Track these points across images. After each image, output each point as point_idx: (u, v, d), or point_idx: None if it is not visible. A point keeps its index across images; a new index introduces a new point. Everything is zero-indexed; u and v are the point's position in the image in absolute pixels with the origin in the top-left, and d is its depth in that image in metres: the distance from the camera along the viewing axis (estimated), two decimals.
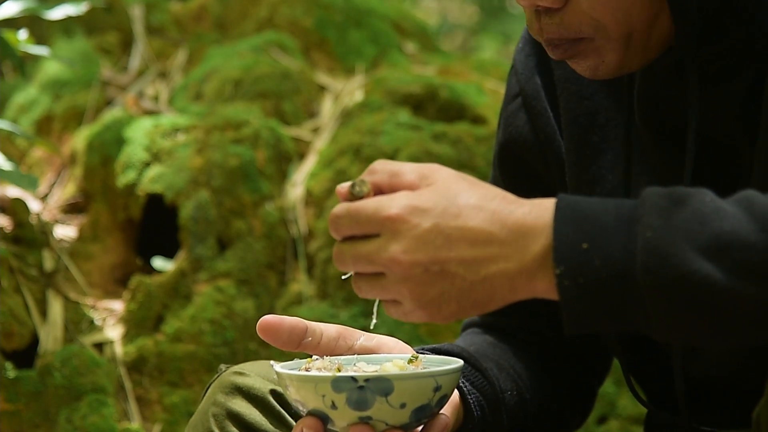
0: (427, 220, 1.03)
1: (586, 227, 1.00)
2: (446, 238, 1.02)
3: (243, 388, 1.28)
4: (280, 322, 1.18)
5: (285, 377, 1.12)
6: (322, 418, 1.11)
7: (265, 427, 1.26)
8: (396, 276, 1.03)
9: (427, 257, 1.02)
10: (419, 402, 1.10)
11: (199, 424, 1.28)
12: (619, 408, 2.33)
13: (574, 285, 0.99)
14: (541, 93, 1.38)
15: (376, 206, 1.04)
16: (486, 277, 1.02)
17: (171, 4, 3.17)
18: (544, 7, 1.17)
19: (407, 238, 1.02)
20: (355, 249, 1.05)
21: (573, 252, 1.00)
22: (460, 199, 1.04)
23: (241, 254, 2.40)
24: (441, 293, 1.03)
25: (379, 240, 1.03)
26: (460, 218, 1.03)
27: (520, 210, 1.03)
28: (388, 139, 2.50)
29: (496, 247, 1.02)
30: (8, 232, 2.38)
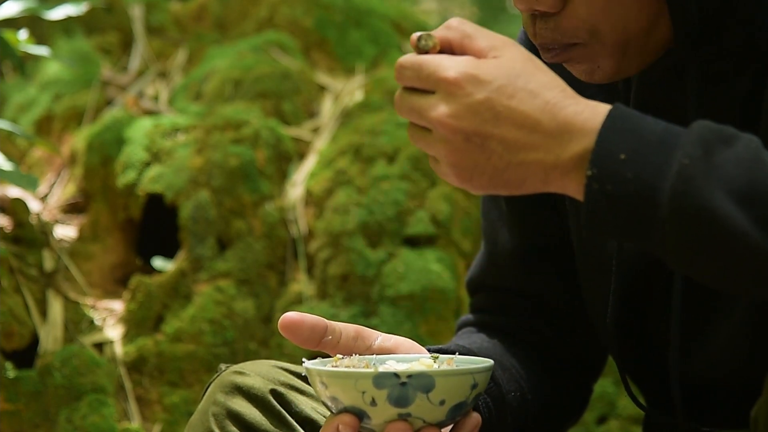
0: (482, 91, 1.04)
1: (629, 140, 1.02)
2: (495, 115, 1.04)
3: (243, 388, 1.28)
4: (302, 320, 1.18)
5: (320, 374, 1.12)
6: (357, 415, 1.11)
7: (265, 426, 1.26)
8: (439, 136, 1.06)
9: (471, 127, 1.04)
10: (457, 399, 1.11)
11: (198, 423, 1.28)
12: (619, 408, 2.33)
13: (600, 190, 1.01)
14: None
15: (437, 65, 1.05)
16: (522, 162, 1.04)
17: (171, 4, 3.17)
18: (541, 12, 1.17)
19: (457, 104, 1.04)
20: (411, 100, 1.07)
21: (609, 159, 1.01)
22: (519, 81, 1.05)
23: (241, 254, 2.40)
24: (476, 165, 1.05)
25: (432, 98, 1.05)
26: (514, 99, 1.04)
27: (573, 107, 1.04)
28: (388, 139, 2.50)
29: (539, 137, 1.03)
30: (8, 232, 2.38)
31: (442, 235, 2.40)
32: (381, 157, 2.48)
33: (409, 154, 2.47)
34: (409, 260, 2.36)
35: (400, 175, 2.44)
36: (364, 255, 2.37)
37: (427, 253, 2.38)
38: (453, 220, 2.41)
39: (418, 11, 6.14)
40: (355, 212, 2.41)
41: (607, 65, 1.19)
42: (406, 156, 2.46)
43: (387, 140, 2.50)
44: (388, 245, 2.38)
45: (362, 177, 2.46)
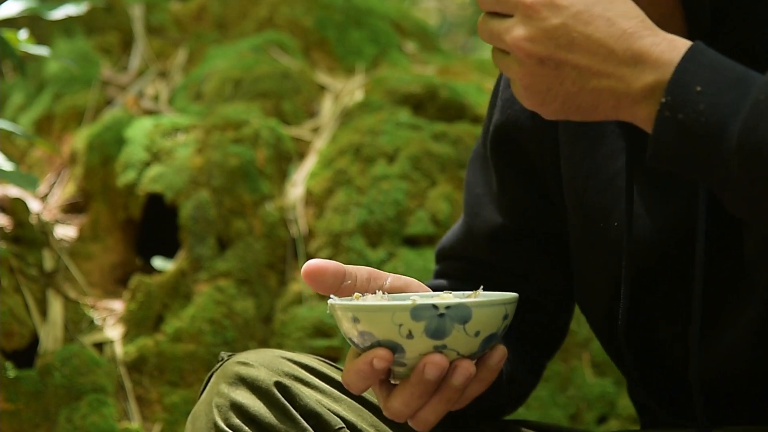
0: (558, 17, 1.06)
1: (707, 73, 1.02)
2: (570, 40, 1.05)
3: (247, 380, 1.27)
4: (325, 266, 1.19)
5: (353, 308, 1.12)
6: (391, 349, 1.11)
7: (269, 419, 1.26)
8: (515, 58, 1.07)
9: (546, 51, 1.06)
10: (490, 330, 1.11)
11: (202, 414, 1.27)
12: (619, 408, 2.33)
13: (672, 119, 1.02)
14: None
15: None
16: (595, 88, 1.05)
17: (171, 4, 3.17)
18: None
19: (534, 27, 1.06)
20: (490, 24, 1.09)
21: (685, 89, 1.02)
22: (597, 7, 1.06)
23: (241, 254, 2.40)
24: (549, 89, 1.07)
25: (510, 21, 1.07)
26: (590, 26, 1.05)
27: (650, 38, 1.05)
28: (388, 139, 2.50)
29: (613, 65, 1.05)
30: (8, 232, 2.38)
31: (442, 234, 2.40)
32: (381, 157, 2.48)
33: (409, 154, 2.47)
34: (409, 260, 2.36)
35: (400, 175, 2.44)
36: (364, 255, 2.37)
37: (427, 253, 2.38)
38: (453, 219, 2.42)
39: (418, 11, 6.15)
40: (355, 212, 2.41)
41: None
42: (406, 156, 2.46)
43: (387, 140, 2.50)
44: (388, 245, 2.38)
45: (362, 177, 2.46)
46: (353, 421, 1.30)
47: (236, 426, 1.25)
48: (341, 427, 1.29)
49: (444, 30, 7.10)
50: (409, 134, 2.50)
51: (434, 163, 2.46)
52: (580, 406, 2.34)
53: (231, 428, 1.25)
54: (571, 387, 2.35)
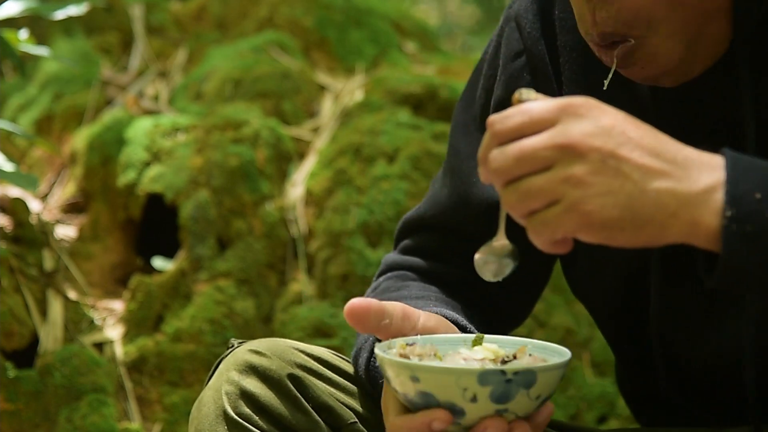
0: (609, 117, 1.00)
1: (758, 178, 0.99)
2: (627, 139, 0.99)
3: (259, 369, 1.25)
4: (369, 305, 1.15)
5: (413, 368, 1.09)
6: (451, 411, 1.09)
7: (280, 410, 1.24)
8: (569, 159, 0.98)
9: (607, 147, 0.98)
10: (549, 392, 1.10)
11: (210, 401, 1.25)
12: (619, 408, 2.33)
13: (740, 231, 0.97)
14: (546, 58, 1.35)
15: (556, 101, 1.01)
16: (656, 189, 0.98)
17: (171, 4, 3.17)
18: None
19: (590, 123, 0.99)
20: (521, 144, 0.99)
21: (745, 198, 0.97)
22: (635, 121, 1.01)
23: (241, 254, 2.40)
24: (608, 191, 0.98)
25: (556, 126, 0.99)
26: (641, 129, 1.00)
27: (690, 148, 1.01)
28: (388, 139, 2.50)
29: (671, 166, 0.99)
30: (8, 232, 2.38)
31: None
32: (381, 157, 2.48)
33: (409, 153, 2.47)
34: None
35: (400, 175, 2.44)
36: (364, 255, 2.37)
37: None
38: None
39: (418, 11, 6.16)
40: (355, 212, 2.41)
41: (673, 65, 1.17)
42: (406, 156, 2.46)
43: (387, 140, 2.50)
44: (388, 245, 2.38)
45: (362, 177, 2.46)
46: (366, 416, 1.29)
47: (246, 415, 1.23)
48: (354, 421, 1.28)
49: (444, 30, 7.10)
50: (408, 134, 2.50)
51: (434, 163, 2.46)
52: (580, 406, 2.34)
53: (240, 416, 1.23)
54: (571, 387, 2.35)
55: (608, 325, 1.39)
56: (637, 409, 1.46)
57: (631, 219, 0.98)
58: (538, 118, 1.00)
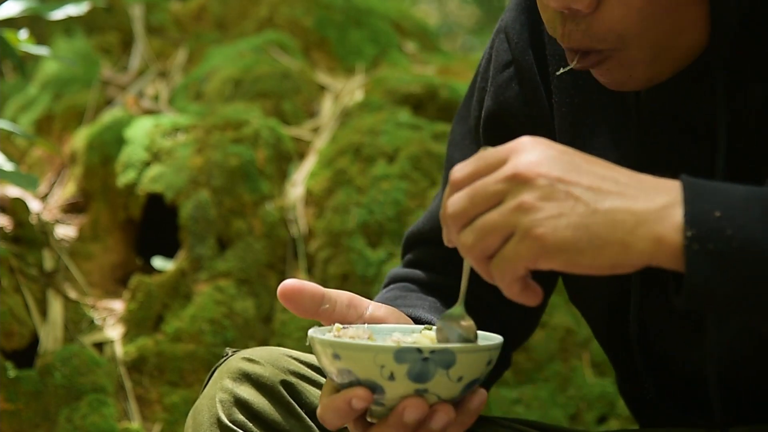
0: (556, 148, 1.01)
1: (717, 198, 0.98)
2: (575, 166, 1.00)
3: (252, 376, 1.26)
4: (302, 287, 1.17)
5: (334, 345, 1.09)
6: (371, 389, 1.09)
7: (274, 416, 1.25)
8: (518, 188, 0.99)
9: (555, 173, 0.99)
10: (473, 376, 1.10)
11: (204, 409, 1.26)
12: (619, 408, 2.33)
13: (702, 250, 0.96)
14: (534, 68, 1.35)
15: (502, 146, 1.01)
16: (610, 208, 0.98)
17: (171, 4, 3.17)
18: (572, 12, 1.14)
19: (537, 154, 0.99)
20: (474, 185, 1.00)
21: (705, 217, 0.97)
22: (586, 156, 1.02)
23: (241, 254, 2.40)
24: (559, 213, 0.97)
25: (504, 166, 1.00)
26: (590, 161, 1.01)
27: (644, 174, 1.01)
28: (388, 139, 2.50)
29: (623, 187, 0.99)
30: (8, 231, 2.38)
31: None
32: (381, 157, 2.48)
33: (409, 153, 2.47)
34: None
35: (400, 175, 2.44)
36: (364, 255, 2.37)
37: None
38: None
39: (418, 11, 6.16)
40: (355, 212, 2.41)
41: (639, 73, 1.17)
42: (406, 156, 2.46)
43: (387, 140, 2.50)
44: (388, 245, 2.38)
45: (362, 177, 2.46)
46: None
47: (240, 422, 1.24)
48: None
49: (444, 30, 7.10)
50: (409, 134, 2.50)
51: (434, 163, 2.46)
52: (580, 406, 2.34)
53: (234, 423, 1.24)
54: (571, 387, 2.35)
55: (599, 331, 1.40)
56: (636, 410, 1.46)
57: (588, 239, 0.97)
58: (491, 160, 1.01)
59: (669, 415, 1.36)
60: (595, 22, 1.14)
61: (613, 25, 1.13)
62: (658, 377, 1.34)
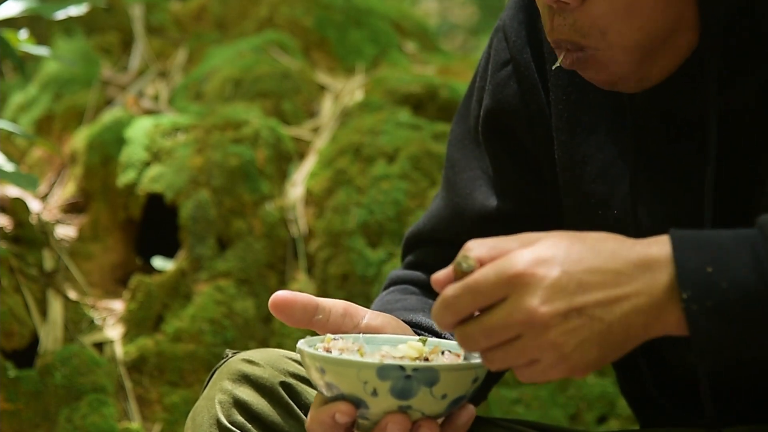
0: (555, 269, 1.00)
1: (707, 252, 1.00)
2: (578, 284, 1.00)
3: (251, 377, 1.26)
4: (294, 298, 1.17)
5: (318, 359, 1.09)
6: (355, 403, 1.09)
7: (273, 417, 1.25)
8: (535, 331, 1.00)
9: (564, 305, 1.00)
10: (458, 393, 1.09)
11: (204, 410, 1.26)
12: (619, 408, 2.33)
13: (702, 309, 0.99)
14: (532, 66, 1.35)
15: (498, 269, 1.01)
16: (622, 315, 1.00)
17: (171, 4, 3.17)
18: (560, 5, 1.15)
19: (541, 289, 1.00)
20: (483, 323, 1.01)
21: (698, 276, 0.99)
22: (575, 247, 1.02)
23: (241, 254, 2.40)
24: (582, 341, 1.00)
25: (509, 302, 1.00)
26: (584, 262, 1.01)
27: (638, 246, 1.02)
28: (388, 139, 2.50)
29: (626, 285, 1.00)
30: (8, 231, 2.38)
31: None
32: (381, 157, 2.48)
33: (409, 153, 2.47)
34: None
35: (400, 175, 2.44)
36: (364, 255, 2.37)
37: None
38: None
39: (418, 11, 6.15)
40: (355, 212, 2.41)
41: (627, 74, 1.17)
42: (406, 156, 2.46)
43: (387, 140, 2.50)
44: (388, 245, 2.38)
45: (362, 177, 2.46)
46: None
47: (239, 423, 1.24)
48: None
49: (444, 30, 7.10)
50: (409, 134, 2.50)
51: (434, 163, 2.46)
52: (580, 406, 2.34)
53: (233, 425, 1.24)
54: (571, 387, 2.35)
55: None
56: (637, 410, 1.46)
57: (611, 350, 1.01)
58: (489, 294, 1.01)
59: (670, 415, 1.36)
60: (581, 16, 1.15)
61: (596, 19, 1.14)
62: (658, 377, 1.34)
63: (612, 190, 1.29)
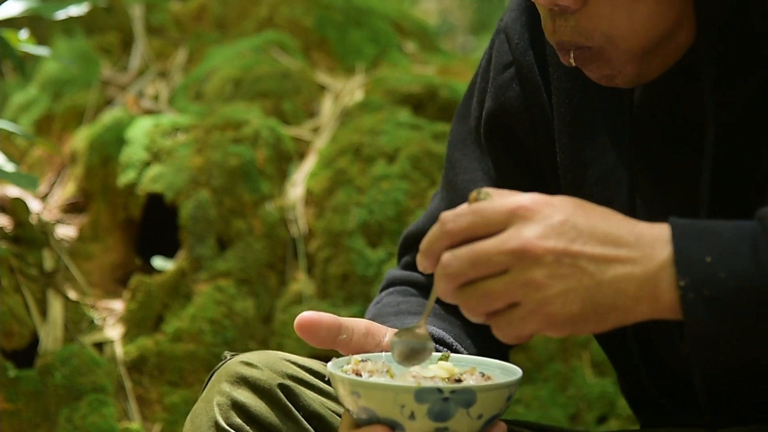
0: (559, 213, 1.01)
1: (707, 242, 1.00)
2: (579, 233, 1.00)
3: (250, 380, 1.26)
4: (319, 319, 1.17)
5: (354, 384, 1.09)
6: (391, 426, 1.09)
7: (271, 419, 1.25)
8: (524, 264, 0.99)
9: (560, 246, 0.99)
10: (494, 412, 1.10)
11: (202, 412, 1.27)
12: (619, 408, 2.33)
13: (698, 298, 0.98)
14: (535, 68, 1.36)
15: (505, 201, 1.01)
16: (614, 277, 1.00)
17: (171, 4, 3.17)
18: (561, 8, 1.15)
19: (541, 225, 1.00)
20: (474, 246, 1.00)
21: (697, 265, 0.99)
22: (585, 208, 1.03)
23: (241, 254, 2.40)
24: (567, 290, 0.99)
25: (506, 231, 1.00)
26: (590, 218, 1.01)
27: (641, 224, 1.02)
28: (388, 139, 2.50)
29: (625, 249, 1.00)
30: (8, 231, 2.38)
31: None
32: (381, 156, 2.48)
33: (409, 153, 2.47)
34: None
35: (400, 175, 2.44)
36: (364, 255, 2.37)
37: None
38: None
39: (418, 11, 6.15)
40: (355, 212, 2.41)
41: (628, 70, 1.17)
42: (406, 156, 2.46)
43: (387, 140, 2.50)
44: (388, 245, 2.38)
45: (362, 177, 2.46)
46: None
47: (237, 425, 1.25)
48: None
49: (444, 30, 7.10)
50: (408, 134, 2.50)
51: (434, 163, 2.46)
52: (580, 406, 2.34)
53: (232, 427, 1.24)
54: (571, 387, 2.35)
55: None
56: (637, 410, 1.46)
57: (594, 310, 1.00)
58: (490, 219, 1.01)
59: (670, 415, 1.36)
60: (582, 18, 1.15)
61: (599, 22, 1.14)
62: (657, 377, 1.34)
63: (612, 194, 1.29)
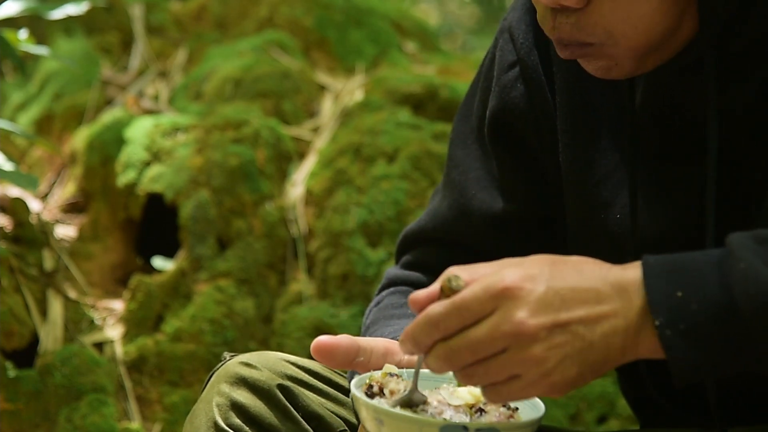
0: (541, 284, 1.02)
1: (677, 276, 1.02)
2: (562, 300, 1.02)
3: (249, 380, 1.26)
4: (337, 343, 1.17)
5: (380, 412, 1.09)
6: None
7: (270, 420, 1.25)
8: (521, 344, 1.01)
9: (550, 319, 1.01)
10: None
11: (201, 413, 1.27)
12: (619, 408, 2.33)
13: (675, 333, 1.00)
14: (539, 67, 1.36)
15: (486, 285, 1.02)
16: (602, 335, 1.02)
17: (171, 4, 3.17)
18: (563, 6, 1.15)
19: (528, 303, 1.01)
20: (469, 336, 1.02)
21: (669, 301, 1.01)
22: (557, 266, 1.04)
23: (241, 254, 2.40)
24: (564, 357, 1.02)
25: (496, 314, 1.02)
26: (567, 280, 1.03)
27: (615, 270, 1.04)
28: (388, 139, 2.50)
29: (607, 304, 1.03)
30: (8, 231, 2.38)
31: None
32: (381, 156, 2.48)
33: (409, 153, 2.47)
34: None
35: (400, 175, 2.44)
36: (364, 255, 2.37)
37: None
38: None
39: (418, 11, 6.16)
40: (355, 212, 2.41)
41: (626, 64, 1.18)
42: (406, 156, 2.46)
43: (387, 140, 2.50)
44: (388, 245, 2.38)
45: (362, 177, 2.46)
46: (356, 425, 1.29)
47: (236, 425, 1.25)
48: (344, 429, 1.29)
49: (444, 30, 7.10)
50: (409, 134, 2.50)
51: (434, 163, 2.46)
52: (580, 406, 2.34)
53: (231, 427, 1.25)
54: None
55: None
56: (638, 410, 1.46)
57: (590, 369, 1.03)
58: (477, 311, 1.02)
59: (670, 415, 1.36)
60: (584, 16, 1.15)
61: (601, 20, 1.15)
62: (658, 377, 1.34)
63: (614, 195, 1.29)
